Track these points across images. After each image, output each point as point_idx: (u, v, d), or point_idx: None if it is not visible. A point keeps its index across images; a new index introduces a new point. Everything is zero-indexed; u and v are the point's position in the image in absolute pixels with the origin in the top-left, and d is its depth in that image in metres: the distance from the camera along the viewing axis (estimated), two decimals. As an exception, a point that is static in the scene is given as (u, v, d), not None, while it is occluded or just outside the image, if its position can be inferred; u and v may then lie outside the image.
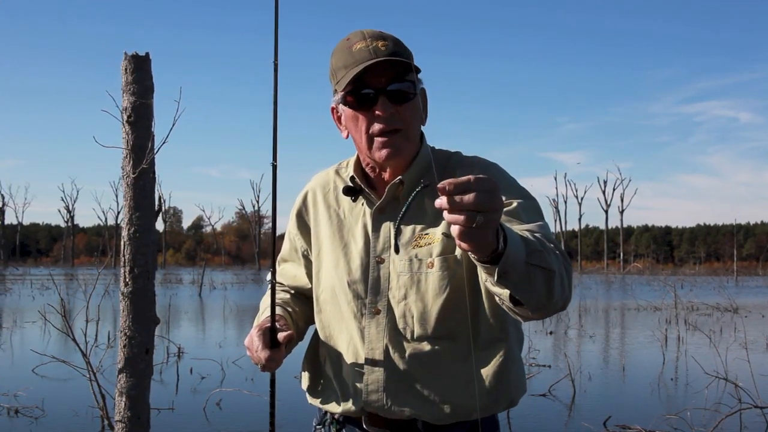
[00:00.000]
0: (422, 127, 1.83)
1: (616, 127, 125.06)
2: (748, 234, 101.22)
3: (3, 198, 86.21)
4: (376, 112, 1.71)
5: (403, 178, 1.76)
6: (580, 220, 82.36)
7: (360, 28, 1.76)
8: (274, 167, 1.80)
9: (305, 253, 1.96)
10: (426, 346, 1.72)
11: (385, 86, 1.70)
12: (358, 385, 1.78)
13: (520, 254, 1.38)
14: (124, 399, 3.19)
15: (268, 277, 1.88)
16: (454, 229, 1.26)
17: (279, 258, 2.04)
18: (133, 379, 3.19)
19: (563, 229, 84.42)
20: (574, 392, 8.77)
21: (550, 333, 15.66)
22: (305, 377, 1.95)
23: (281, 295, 2.00)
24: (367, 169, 1.83)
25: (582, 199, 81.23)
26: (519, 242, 1.40)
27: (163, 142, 3.14)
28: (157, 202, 3.29)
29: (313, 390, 1.93)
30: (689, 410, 7.26)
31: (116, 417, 3.19)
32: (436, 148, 1.87)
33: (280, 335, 1.75)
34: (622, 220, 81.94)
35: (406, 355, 1.73)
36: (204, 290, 31.31)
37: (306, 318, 1.97)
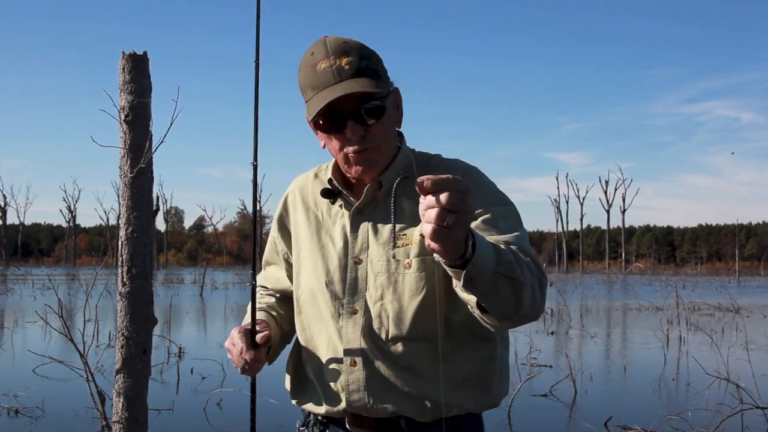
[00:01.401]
0: (399, 128, 1.83)
1: (618, 127, 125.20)
2: (749, 234, 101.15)
3: (5, 198, 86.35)
4: (348, 135, 1.72)
5: (381, 180, 1.78)
6: (581, 220, 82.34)
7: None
8: (255, 167, 1.83)
9: (286, 256, 1.98)
10: (401, 347, 1.73)
11: (352, 110, 1.70)
12: (339, 385, 1.78)
13: (489, 262, 1.40)
14: (121, 400, 3.18)
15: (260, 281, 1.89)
16: (426, 228, 1.27)
17: (264, 261, 2.07)
18: (131, 379, 3.18)
19: (565, 229, 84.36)
20: (575, 392, 8.76)
21: (552, 333, 15.64)
22: (288, 379, 1.96)
23: (266, 299, 2.03)
24: (347, 175, 1.84)
25: (584, 199, 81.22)
26: (489, 250, 1.41)
27: (161, 142, 3.13)
28: (155, 202, 3.28)
29: (295, 391, 1.94)
30: (690, 410, 7.24)
31: (114, 418, 3.18)
32: (417, 150, 1.87)
33: (258, 336, 1.77)
34: (623, 220, 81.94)
35: (383, 355, 1.74)
36: (205, 290, 31.30)
37: (291, 321, 1.97)
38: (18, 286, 33.64)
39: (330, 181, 1.85)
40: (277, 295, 2.04)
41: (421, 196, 1.28)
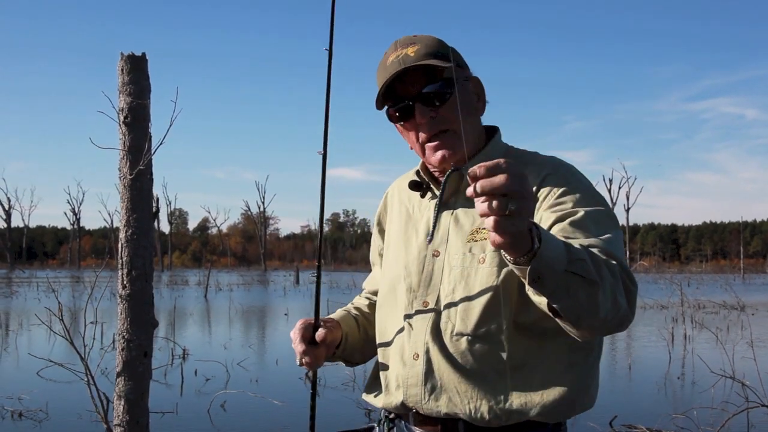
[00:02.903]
0: (480, 116, 1.82)
1: (623, 124, 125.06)
2: (754, 231, 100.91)
3: (9, 201, 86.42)
4: (417, 119, 1.71)
5: (463, 171, 1.73)
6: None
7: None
8: (324, 156, 1.80)
9: (381, 251, 1.98)
10: (464, 345, 1.66)
11: (418, 92, 1.71)
12: (401, 378, 1.74)
13: (559, 259, 1.33)
14: (122, 403, 3.16)
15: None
16: (488, 221, 1.21)
17: (371, 262, 2.07)
18: (132, 382, 3.16)
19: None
20: (580, 392, 8.71)
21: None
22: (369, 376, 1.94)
23: (359, 301, 2.03)
24: (433, 173, 1.84)
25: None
26: (559, 247, 1.34)
27: (160, 143, 3.11)
28: (154, 204, 3.27)
29: (367, 386, 1.91)
30: (696, 409, 7.21)
31: (115, 421, 3.16)
32: (514, 147, 1.84)
33: (318, 333, 1.76)
34: (627, 218, 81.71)
35: (445, 352, 1.68)
36: (210, 292, 31.29)
37: None
38: (23, 289, 33.66)
39: (417, 173, 1.85)
40: (373, 299, 2.00)
41: None
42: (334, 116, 1.84)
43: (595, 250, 1.45)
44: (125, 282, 3.17)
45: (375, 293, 2.00)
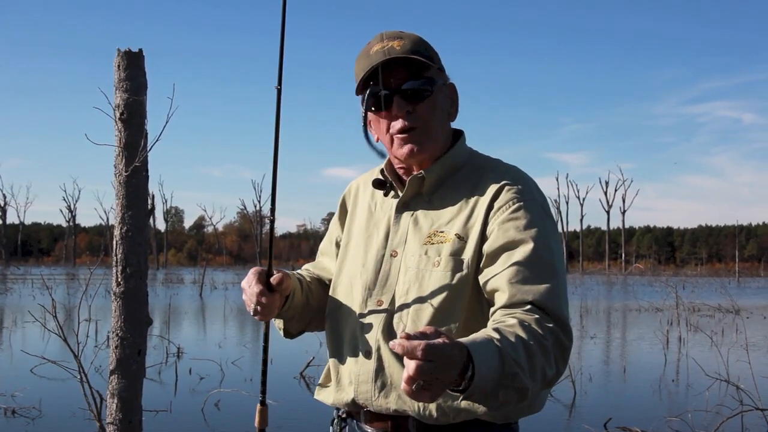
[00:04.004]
0: (452, 122, 1.85)
1: (620, 127, 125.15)
2: (750, 235, 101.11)
3: (5, 197, 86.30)
4: (393, 112, 1.73)
5: (425, 174, 1.77)
6: (581, 220, 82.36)
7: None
8: (279, 91, 1.80)
9: (338, 239, 1.98)
10: None
11: (399, 86, 1.73)
12: (352, 375, 1.77)
13: (492, 380, 1.37)
14: (115, 401, 3.15)
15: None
16: (402, 384, 1.29)
17: (318, 251, 2.07)
18: (125, 380, 3.15)
19: (565, 229, 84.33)
20: (574, 393, 8.73)
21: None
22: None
23: (302, 272, 2.03)
24: (398, 170, 1.86)
25: (583, 199, 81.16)
26: (493, 367, 1.38)
27: (156, 140, 3.10)
28: (150, 201, 3.25)
29: (320, 385, 1.93)
30: (690, 412, 7.21)
31: (107, 419, 3.15)
32: (479, 152, 1.87)
33: (273, 277, 1.76)
34: (623, 220, 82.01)
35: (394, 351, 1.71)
36: (205, 290, 31.27)
37: (320, 300, 1.94)
38: (18, 286, 33.59)
39: (382, 171, 1.87)
40: (314, 274, 2.02)
41: None
42: (344, 115, 1.86)
43: (532, 322, 1.50)
44: (120, 279, 3.15)
45: (318, 277, 2.00)
